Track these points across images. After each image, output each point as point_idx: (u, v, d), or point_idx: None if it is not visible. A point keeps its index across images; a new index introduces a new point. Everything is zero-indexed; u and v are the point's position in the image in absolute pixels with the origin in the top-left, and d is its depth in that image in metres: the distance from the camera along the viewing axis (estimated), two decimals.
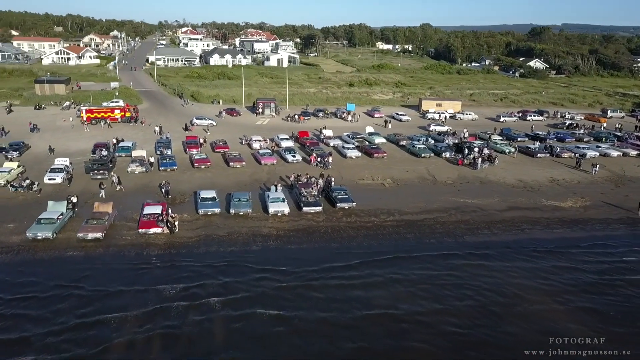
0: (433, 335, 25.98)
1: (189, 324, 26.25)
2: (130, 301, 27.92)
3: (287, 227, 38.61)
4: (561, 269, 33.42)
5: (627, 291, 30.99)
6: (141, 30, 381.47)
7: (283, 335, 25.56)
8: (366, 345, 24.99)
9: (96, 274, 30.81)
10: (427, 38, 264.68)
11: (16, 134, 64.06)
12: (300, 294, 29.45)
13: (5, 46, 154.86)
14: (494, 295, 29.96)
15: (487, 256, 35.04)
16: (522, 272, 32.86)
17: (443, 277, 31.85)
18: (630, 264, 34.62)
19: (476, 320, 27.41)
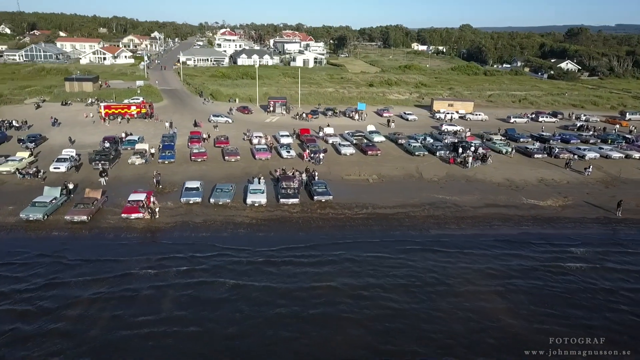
0: (364, 307, 28.37)
1: (150, 287, 29.67)
2: (101, 268, 31.73)
3: (262, 217, 40.83)
4: (507, 259, 34.98)
5: (555, 278, 32.54)
6: (181, 31, 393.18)
7: (230, 301, 28.58)
8: (298, 310, 27.84)
9: (76, 248, 34.52)
10: (461, 39, 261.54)
11: (38, 127, 68.94)
12: (257, 268, 32.46)
13: (47, 46, 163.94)
14: (436, 276, 32.05)
15: (444, 246, 36.54)
16: (469, 260, 34.50)
17: (392, 260, 33.87)
18: (571, 257, 35.70)
19: (410, 295, 29.65)
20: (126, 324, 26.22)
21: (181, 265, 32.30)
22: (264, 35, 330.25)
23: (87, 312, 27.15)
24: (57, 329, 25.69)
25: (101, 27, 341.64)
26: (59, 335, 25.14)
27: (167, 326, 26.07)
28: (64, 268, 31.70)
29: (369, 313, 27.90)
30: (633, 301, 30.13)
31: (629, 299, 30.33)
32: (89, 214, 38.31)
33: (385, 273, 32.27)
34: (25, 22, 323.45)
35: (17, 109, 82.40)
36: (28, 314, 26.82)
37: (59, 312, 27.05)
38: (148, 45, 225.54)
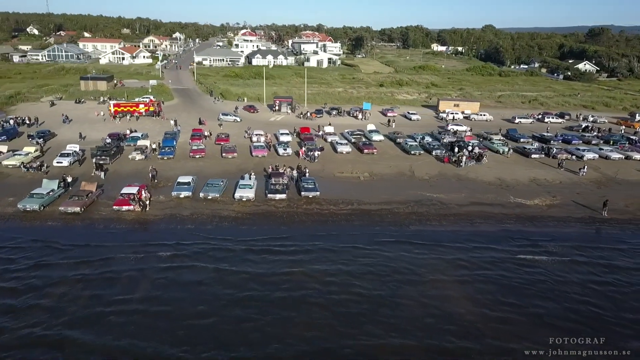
0: (331, 292, 30.04)
1: (132, 270, 31.84)
2: (88, 253, 34.05)
3: (248, 211, 42.18)
4: (479, 252, 36.00)
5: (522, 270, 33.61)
6: (203, 32, 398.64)
7: (205, 284, 30.62)
8: (267, 293, 29.68)
9: (67, 235, 36.70)
10: (479, 40, 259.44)
11: (50, 124, 71.59)
12: (237, 255, 34.33)
13: (69, 47, 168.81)
14: (406, 266, 33.60)
15: (421, 239, 37.64)
16: (442, 252, 35.67)
17: (366, 251, 35.31)
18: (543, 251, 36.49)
19: (377, 282, 31.24)
20: (105, 301, 28.31)
21: (164, 252, 34.29)
22: (283, 36, 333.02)
23: (70, 290, 29.34)
24: (40, 304, 27.93)
25: (125, 28, 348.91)
26: (41, 310, 27.36)
27: (141, 304, 28.11)
28: (54, 252, 34.02)
29: (334, 297, 29.38)
30: (591, 292, 31.10)
31: (586, 290, 31.34)
32: (82, 206, 40.20)
33: (357, 262, 33.78)
34: (52, 24, 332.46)
35: (33, 107, 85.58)
36: (17, 291, 29.20)
37: (45, 289, 29.42)
38: (168, 45, 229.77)
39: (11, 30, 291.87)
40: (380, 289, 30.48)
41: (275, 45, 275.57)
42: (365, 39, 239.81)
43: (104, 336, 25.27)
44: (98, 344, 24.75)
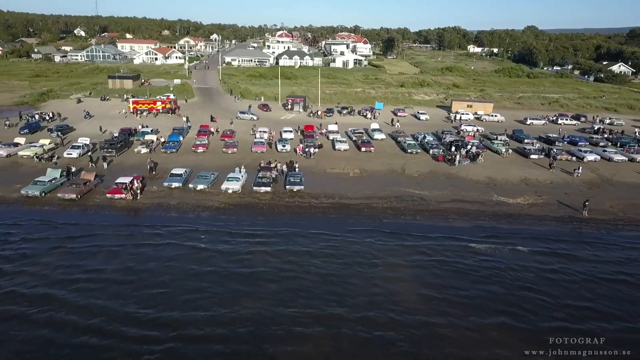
0: (287, 269, 32.72)
1: (113, 245, 35.54)
2: (76, 230, 37.80)
3: (231, 202, 44.45)
4: (442, 241, 37.60)
5: (474, 258, 35.25)
6: (240, 33, 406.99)
7: (173, 259, 33.67)
8: (227, 268, 32.56)
9: (61, 216, 40.45)
10: (515, 41, 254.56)
11: (72, 119, 76.24)
12: (215, 237, 37.37)
13: (107, 47, 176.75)
14: (365, 249, 35.95)
15: (389, 230, 39.18)
16: (405, 240, 37.51)
17: (330, 237, 37.84)
18: (504, 244, 37.66)
19: (333, 263, 33.80)
20: (83, 270, 32.17)
21: (143, 232, 37.79)
22: (317, 38, 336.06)
23: (55, 259, 33.29)
24: (27, 270, 31.93)
25: (165, 30, 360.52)
26: (28, 274, 31.47)
27: (114, 274, 31.75)
28: (47, 228, 38.03)
29: (288, 274, 32.03)
30: (540, 279, 32.50)
31: (535, 277, 32.75)
32: (79, 193, 43.45)
33: (321, 245, 36.10)
34: (97, 26, 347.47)
35: (61, 103, 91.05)
36: (8, 258, 33.35)
37: (33, 257, 33.48)
38: (203, 46, 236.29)
39: (60, 31, 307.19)
40: (335, 267, 32.92)
41: (308, 47, 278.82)
42: (396, 40, 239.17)
43: (77, 296, 28.93)
44: (72, 301, 28.52)
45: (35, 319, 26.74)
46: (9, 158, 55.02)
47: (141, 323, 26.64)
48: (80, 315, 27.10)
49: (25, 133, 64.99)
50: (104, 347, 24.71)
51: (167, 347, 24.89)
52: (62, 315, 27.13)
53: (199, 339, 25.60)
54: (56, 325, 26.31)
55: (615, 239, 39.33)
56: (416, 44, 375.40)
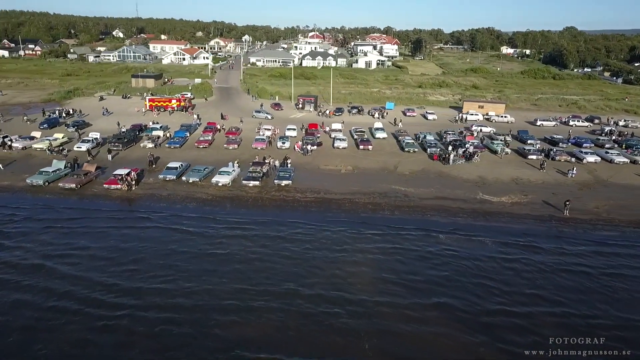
0: (259, 252, 35.30)
1: (102, 227, 39.00)
2: (71, 214, 41.61)
3: (219, 194, 46.58)
4: (411, 234, 39.06)
5: (431, 250, 36.85)
6: (273, 34, 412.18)
7: (149, 240, 36.84)
8: (200, 249, 35.71)
9: (61, 202, 44.12)
10: (547, 42, 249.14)
11: (92, 116, 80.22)
12: (196, 222, 40.25)
13: (137, 48, 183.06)
14: (334, 237, 38.12)
15: (363, 223, 40.79)
16: (374, 232, 39.05)
17: (306, 226, 40.05)
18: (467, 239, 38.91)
19: (302, 247, 36.20)
20: (71, 246, 35.83)
21: (131, 217, 41.05)
22: (348, 39, 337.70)
23: (49, 237, 36.84)
24: (24, 246, 35.53)
25: (199, 31, 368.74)
26: (23, 249, 35.17)
27: (97, 251, 35.03)
28: (46, 212, 41.74)
29: (257, 256, 34.64)
30: (494, 268, 34.16)
31: (490, 265, 34.42)
32: (78, 183, 46.47)
33: (293, 232, 38.29)
34: (134, 27, 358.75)
35: (85, 101, 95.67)
36: (9, 235, 37.20)
37: (30, 235, 37.22)
38: (232, 47, 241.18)
39: (99, 33, 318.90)
40: (302, 251, 35.30)
41: (338, 48, 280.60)
42: (424, 42, 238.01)
43: (63, 268, 32.73)
44: (59, 270, 32.25)
45: (24, 285, 30.31)
46: (24, 150, 58.83)
47: (112, 291, 29.86)
48: (63, 283, 30.63)
49: (44, 128, 69.00)
50: (75, 311, 27.88)
51: (129, 312, 27.74)
52: (47, 283, 30.67)
53: (159, 307, 28.32)
54: (40, 290, 29.83)
55: (589, 237, 39.64)
56: (448, 45, 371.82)
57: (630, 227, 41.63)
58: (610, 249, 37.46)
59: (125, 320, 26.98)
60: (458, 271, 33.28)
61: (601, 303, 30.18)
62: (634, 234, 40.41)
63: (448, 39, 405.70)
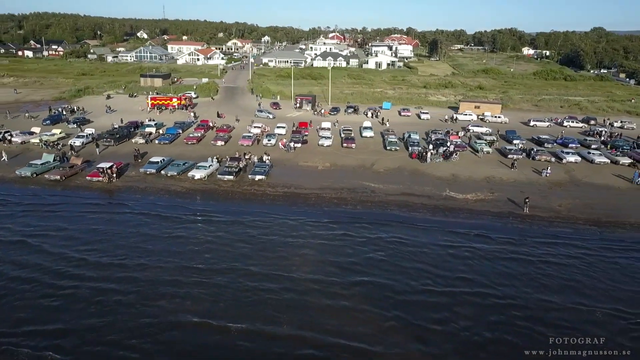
0: (218, 236, 38.16)
1: (78, 212, 42.21)
2: (52, 200, 44.95)
3: (193, 187, 48.88)
4: (363, 226, 40.74)
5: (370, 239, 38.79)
6: (293, 35, 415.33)
7: (126, 223, 40.10)
8: (163, 232, 38.71)
9: (46, 192, 47.13)
10: (567, 42, 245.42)
11: (96, 113, 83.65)
12: (166, 210, 43.05)
13: (154, 49, 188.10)
14: (285, 224, 40.76)
15: (323, 216, 42.66)
16: (329, 223, 41.11)
17: (266, 214, 42.49)
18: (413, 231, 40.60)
19: (259, 231, 39.16)
20: (51, 228, 38.99)
21: (108, 205, 44.35)
22: (366, 40, 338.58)
23: (30, 220, 40.31)
24: (7, 227, 38.90)
25: (221, 32, 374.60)
26: (6, 229, 38.56)
27: (70, 232, 38.48)
28: (31, 199, 44.96)
29: (213, 238, 37.51)
30: (432, 257, 35.93)
31: (429, 255, 36.18)
32: (63, 175, 49.40)
33: (254, 220, 40.99)
34: (158, 28, 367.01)
35: (94, 99, 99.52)
36: None
37: (15, 218, 40.70)
38: (249, 48, 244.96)
39: (124, 34, 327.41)
40: (255, 235, 38.19)
41: (356, 49, 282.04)
42: (439, 42, 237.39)
43: (41, 244, 36.17)
44: (38, 247, 35.79)
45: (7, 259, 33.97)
46: (23, 144, 62.30)
47: (79, 265, 33.31)
48: (39, 257, 34.17)
49: (47, 124, 72.63)
50: (43, 282, 31.20)
51: (89, 284, 31.02)
52: (25, 256, 34.23)
53: (114, 279, 31.59)
54: (16, 262, 33.43)
55: (542, 232, 40.70)
56: (469, 46, 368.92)
57: (587, 225, 42.25)
58: (557, 242, 38.69)
59: (84, 289, 30.31)
60: (398, 256, 35.28)
61: (526, 287, 31.92)
62: (587, 231, 41.06)
63: (470, 39, 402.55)
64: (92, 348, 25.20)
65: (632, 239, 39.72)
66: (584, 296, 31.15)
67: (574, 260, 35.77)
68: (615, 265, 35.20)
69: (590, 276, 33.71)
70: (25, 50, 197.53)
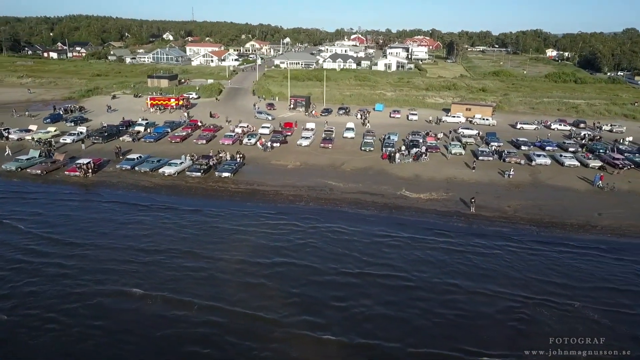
0: (167, 222, 42.03)
1: (51, 200, 46.97)
2: (30, 189, 49.45)
3: (162, 183, 51.96)
4: (306, 222, 43.12)
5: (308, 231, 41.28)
6: (316, 37, 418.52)
7: (88, 209, 44.91)
8: (123, 218, 43.29)
9: (27, 184, 51.23)
10: (586, 44, 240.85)
11: (97, 112, 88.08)
12: (129, 201, 46.95)
13: (171, 50, 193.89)
14: (234, 217, 43.73)
15: (274, 211, 45.12)
16: (278, 219, 43.55)
17: (217, 209, 45.32)
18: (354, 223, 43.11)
19: (198, 222, 42.47)
20: (26, 212, 43.41)
21: (75, 191, 48.95)
22: (386, 41, 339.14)
23: (11, 205, 44.97)
24: None
25: (245, 34, 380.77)
26: None
27: (44, 216, 42.80)
28: (11, 189, 49.50)
29: (162, 224, 41.74)
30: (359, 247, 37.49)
31: (356, 246, 38.74)
32: (44, 170, 53.23)
33: (205, 214, 43.88)
34: (183, 30, 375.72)
35: (101, 99, 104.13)
36: None
37: None
38: (266, 50, 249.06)
39: (149, 36, 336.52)
40: (202, 223, 42.11)
41: (375, 50, 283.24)
42: (455, 44, 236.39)
43: (18, 224, 40.87)
44: (11, 226, 40.60)
45: None
46: (19, 141, 66.67)
47: (49, 242, 37.92)
48: (15, 236, 38.91)
49: (48, 122, 77.09)
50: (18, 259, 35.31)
51: (56, 260, 35.19)
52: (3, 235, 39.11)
53: (63, 255, 35.90)
54: None
55: (479, 230, 42.31)
56: (490, 48, 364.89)
57: (527, 225, 43.40)
58: (488, 237, 40.65)
59: (37, 263, 34.73)
60: (329, 243, 38.49)
61: (440, 273, 34.68)
62: (526, 231, 42.24)
63: (494, 41, 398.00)
64: (29, 311, 28.90)
65: (564, 238, 40.85)
66: (494, 283, 33.45)
67: (499, 252, 37.86)
68: (536, 259, 36.95)
69: (509, 267, 35.76)
70: (50, 52, 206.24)
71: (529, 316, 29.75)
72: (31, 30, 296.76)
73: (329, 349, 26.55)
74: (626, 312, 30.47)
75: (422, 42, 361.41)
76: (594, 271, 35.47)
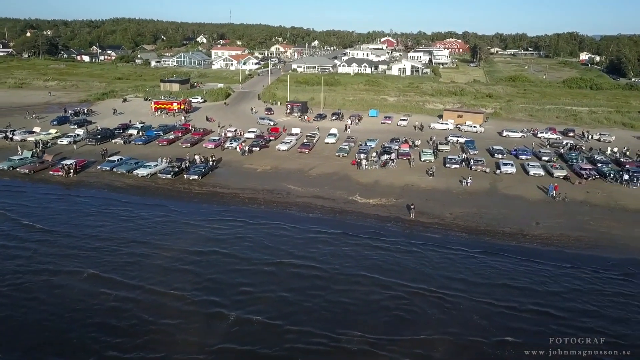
0: (125, 219, 46.28)
1: (34, 194, 52.72)
2: (17, 186, 54.87)
3: (133, 184, 56.30)
4: (241, 223, 46.29)
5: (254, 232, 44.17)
6: (346, 40, 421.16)
7: (61, 201, 49.99)
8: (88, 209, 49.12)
9: (15, 182, 56.61)
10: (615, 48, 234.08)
11: (104, 115, 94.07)
12: (97, 197, 51.99)
13: (194, 54, 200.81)
14: (181, 215, 47.78)
15: (227, 213, 48.74)
16: (230, 220, 46.87)
17: (170, 207, 49.40)
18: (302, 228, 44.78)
19: (155, 220, 46.55)
20: (12, 204, 49.05)
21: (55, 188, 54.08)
22: (413, 44, 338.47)
23: None
24: None
25: (276, 37, 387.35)
26: None
27: (26, 207, 48.27)
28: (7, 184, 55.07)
29: (120, 218, 46.34)
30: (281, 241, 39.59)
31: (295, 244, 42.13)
32: (32, 169, 58.57)
33: (159, 212, 48.13)
34: (215, 33, 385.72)
35: (114, 102, 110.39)
36: None
37: None
38: (290, 53, 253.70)
39: (183, 39, 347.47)
40: (157, 220, 46.28)
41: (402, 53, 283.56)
42: (478, 48, 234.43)
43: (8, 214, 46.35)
44: None
45: None
46: (22, 142, 72.65)
47: (30, 229, 43.23)
48: None
49: (54, 124, 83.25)
50: None
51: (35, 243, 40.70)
52: None
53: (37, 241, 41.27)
54: None
55: (410, 235, 44.42)
56: (522, 51, 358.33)
57: (459, 232, 45.17)
58: (418, 240, 43.11)
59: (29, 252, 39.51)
60: (265, 238, 42.53)
61: (353, 266, 38.16)
62: (454, 238, 43.99)
63: (528, 44, 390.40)
64: None
65: (488, 243, 42.66)
66: (399, 276, 36.50)
67: (419, 252, 40.65)
68: (449, 261, 39.37)
69: (423, 264, 38.69)
70: (83, 55, 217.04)
71: (416, 306, 32.63)
72: (72, 34, 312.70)
73: (219, 323, 30.74)
74: (510, 305, 32.97)
75: (452, 45, 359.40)
76: (497, 273, 37.63)
